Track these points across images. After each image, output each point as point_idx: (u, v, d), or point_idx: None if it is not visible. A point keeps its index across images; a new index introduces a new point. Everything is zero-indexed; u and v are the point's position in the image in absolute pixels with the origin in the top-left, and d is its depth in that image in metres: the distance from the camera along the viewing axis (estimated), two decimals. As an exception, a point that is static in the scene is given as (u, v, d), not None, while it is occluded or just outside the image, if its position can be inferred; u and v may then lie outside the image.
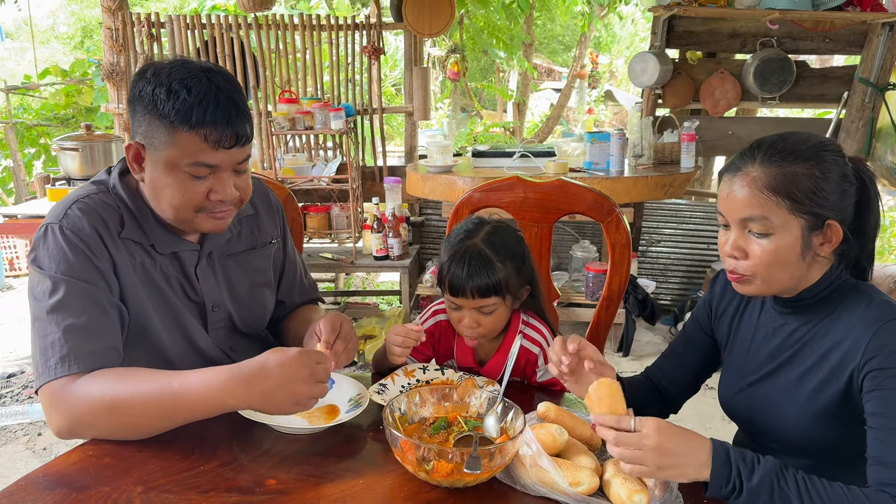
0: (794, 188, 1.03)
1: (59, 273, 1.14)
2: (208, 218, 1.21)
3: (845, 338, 1.07)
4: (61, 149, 2.80)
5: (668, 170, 3.47)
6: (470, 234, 1.40)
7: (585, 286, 3.57)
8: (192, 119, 1.11)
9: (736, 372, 1.25)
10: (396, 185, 3.86)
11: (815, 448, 1.14)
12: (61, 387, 1.09)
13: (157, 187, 1.18)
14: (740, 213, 1.07)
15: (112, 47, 3.94)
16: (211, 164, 1.16)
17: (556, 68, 12.83)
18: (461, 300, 1.36)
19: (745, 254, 1.09)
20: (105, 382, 1.09)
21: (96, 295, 1.15)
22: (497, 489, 1.00)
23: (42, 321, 1.13)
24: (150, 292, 1.24)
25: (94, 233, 1.17)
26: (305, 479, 1.02)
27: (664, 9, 3.72)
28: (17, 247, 5.24)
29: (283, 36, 3.94)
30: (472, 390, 1.17)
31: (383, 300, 4.75)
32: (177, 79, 1.12)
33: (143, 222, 1.24)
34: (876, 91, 3.81)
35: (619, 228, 1.60)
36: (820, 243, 1.07)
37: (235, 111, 1.15)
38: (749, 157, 1.08)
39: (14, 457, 2.68)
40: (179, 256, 1.28)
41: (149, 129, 1.15)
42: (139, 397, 1.08)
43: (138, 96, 1.15)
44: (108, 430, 1.10)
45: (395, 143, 8.08)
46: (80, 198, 1.21)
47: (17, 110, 6.08)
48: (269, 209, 1.45)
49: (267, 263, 1.44)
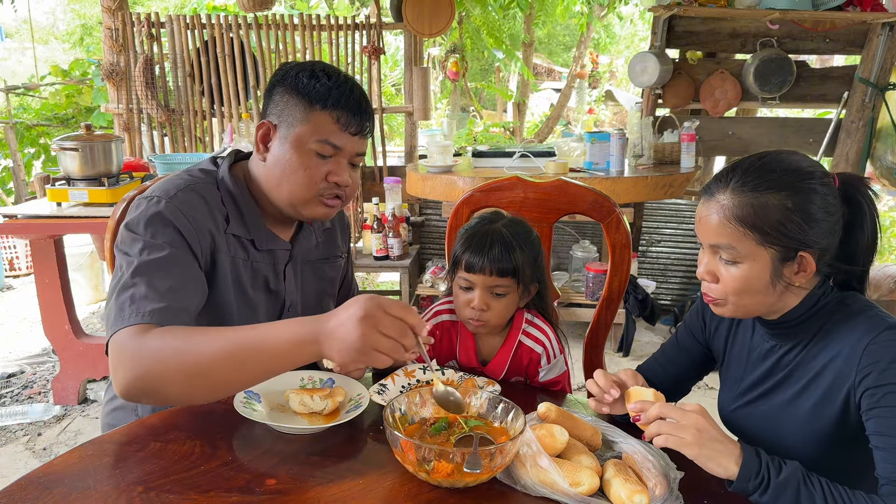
0: (761, 221, 1.01)
1: (152, 238, 1.17)
2: (321, 204, 1.28)
3: (837, 356, 1.06)
4: (61, 149, 2.79)
5: (668, 170, 3.47)
6: (491, 221, 1.43)
7: (585, 286, 3.57)
8: (329, 100, 1.23)
9: (733, 388, 1.24)
10: (396, 185, 3.86)
11: (822, 468, 1.11)
12: (130, 336, 1.05)
13: (280, 164, 1.26)
14: (710, 239, 1.07)
15: (112, 47, 3.94)
16: (337, 146, 1.25)
17: (556, 68, 12.83)
18: (477, 277, 1.36)
19: (716, 278, 1.08)
20: (176, 333, 1.05)
21: (187, 263, 1.18)
22: (497, 489, 1.00)
23: (125, 277, 1.13)
24: (235, 286, 1.29)
25: (199, 216, 1.22)
26: (305, 479, 1.01)
27: (664, 9, 3.72)
28: (16, 247, 5.24)
29: (283, 36, 3.94)
30: (472, 390, 1.17)
31: (383, 300, 4.74)
32: (320, 67, 1.26)
33: (247, 216, 1.30)
34: (876, 91, 3.81)
35: (619, 228, 1.60)
36: (794, 272, 1.05)
37: (365, 104, 1.27)
38: (723, 182, 1.06)
39: (14, 457, 2.68)
40: (274, 254, 1.35)
41: (285, 107, 1.25)
42: (212, 342, 1.01)
43: (280, 80, 1.27)
44: (178, 383, 1.02)
45: (395, 143, 8.07)
46: (190, 184, 1.27)
47: (17, 110, 6.07)
48: (342, 225, 1.56)
49: (336, 275, 1.53)
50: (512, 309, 1.43)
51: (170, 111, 4.01)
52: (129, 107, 4.00)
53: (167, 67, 4.02)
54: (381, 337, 0.95)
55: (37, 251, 2.90)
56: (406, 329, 0.97)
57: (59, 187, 2.84)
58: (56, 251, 2.91)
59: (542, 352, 1.43)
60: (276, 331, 1.01)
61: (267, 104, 1.29)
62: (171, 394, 1.04)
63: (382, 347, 0.96)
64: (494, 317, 1.39)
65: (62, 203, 2.87)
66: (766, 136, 4.08)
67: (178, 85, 3.98)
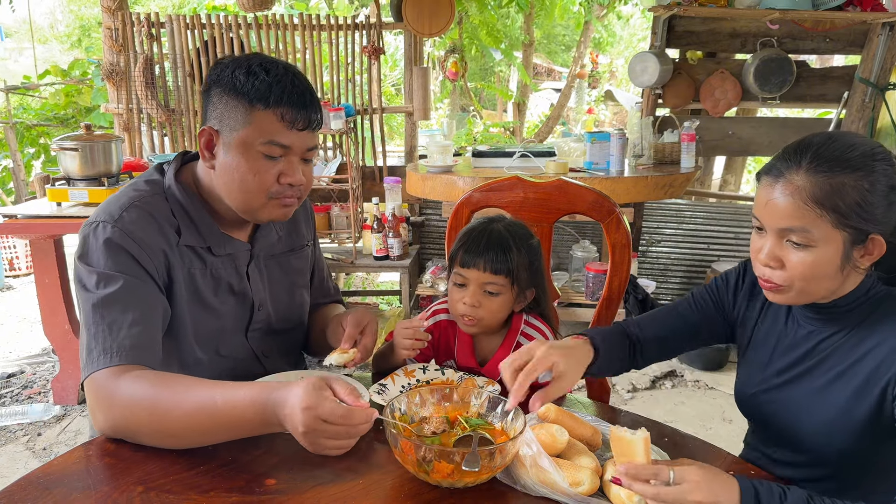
0: (840, 201, 0.97)
1: (107, 269, 1.14)
2: (277, 205, 1.24)
3: (879, 347, 1.03)
4: (61, 149, 2.79)
5: (668, 170, 3.47)
6: (491, 221, 1.43)
7: (585, 286, 3.57)
8: (271, 97, 1.15)
9: (757, 372, 1.21)
10: (396, 185, 3.86)
11: (837, 458, 1.10)
12: (104, 381, 1.08)
13: (229, 170, 1.20)
14: (780, 222, 1.01)
15: (112, 47, 3.94)
16: (285, 145, 1.18)
17: (556, 68, 12.83)
18: (471, 272, 1.37)
19: (782, 263, 1.03)
20: (147, 386, 1.06)
21: (145, 291, 1.16)
22: (497, 489, 1.00)
23: (88, 314, 1.13)
24: (193, 299, 1.26)
25: (148, 236, 1.18)
26: (305, 479, 1.01)
27: (664, 9, 3.72)
28: (16, 247, 5.24)
29: (283, 36, 3.94)
30: (472, 390, 1.17)
31: (383, 300, 4.75)
32: (256, 62, 1.17)
33: (200, 224, 1.26)
34: (876, 91, 3.81)
35: (619, 228, 1.60)
36: (861, 255, 1.01)
37: (309, 96, 1.19)
38: (794, 161, 1.00)
39: (14, 457, 2.67)
40: (234, 257, 1.31)
41: (225, 110, 1.18)
42: (178, 406, 1.04)
43: (216, 80, 1.19)
44: (149, 436, 1.07)
45: (395, 143, 8.07)
46: (134, 200, 1.21)
47: (17, 110, 6.07)
48: (304, 213, 1.51)
49: (304, 265, 1.49)
50: (505, 310, 1.42)
51: (170, 111, 4.01)
52: (129, 107, 4.00)
53: (167, 67, 4.02)
54: (326, 441, 1.00)
55: (37, 251, 2.90)
56: (350, 430, 1.00)
57: (59, 187, 2.84)
58: (56, 251, 2.91)
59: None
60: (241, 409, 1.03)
61: (206, 108, 1.22)
62: (144, 441, 1.08)
63: (330, 448, 1.01)
64: (486, 315, 1.39)
65: (62, 203, 2.88)
66: (766, 136, 4.08)
67: (178, 85, 3.98)
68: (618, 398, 3.24)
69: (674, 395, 3.30)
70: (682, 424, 1.02)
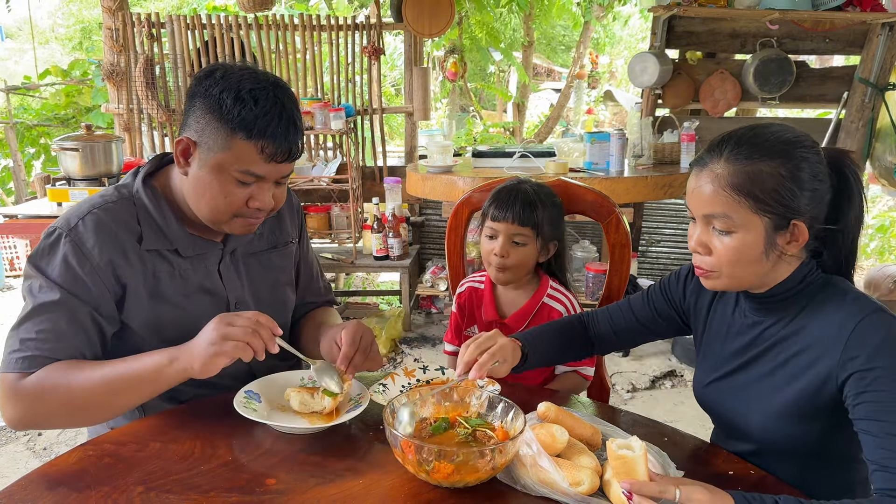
0: (756, 188, 1.01)
1: (53, 279, 1.17)
2: (242, 223, 1.25)
3: (820, 336, 1.05)
4: (61, 149, 2.80)
5: (668, 170, 3.47)
6: (520, 182, 1.58)
7: (585, 286, 3.57)
8: (254, 130, 1.14)
9: (708, 364, 1.24)
10: (396, 185, 3.86)
11: (795, 449, 1.12)
12: (14, 381, 1.13)
13: (200, 186, 1.20)
14: (703, 209, 1.06)
15: (112, 47, 3.94)
16: (259, 175, 1.19)
17: (556, 68, 12.83)
18: (500, 225, 1.53)
19: (709, 250, 1.07)
20: (53, 371, 1.14)
21: (81, 310, 1.18)
22: (497, 489, 1.00)
23: (23, 315, 1.17)
24: (156, 302, 1.25)
25: (99, 247, 1.19)
26: (305, 479, 1.02)
27: (664, 9, 3.72)
28: (16, 247, 5.24)
29: (283, 36, 3.94)
30: (472, 390, 1.17)
31: (383, 300, 4.75)
32: (246, 88, 1.14)
33: (166, 227, 1.26)
34: (876, 91, 3.81)
35: (618, 228, 1.60)
36: (786, 242, 1.05)
37: (293, 128, 1.18)
38: (716, 152, 1.06)
39: (14, 457, 2.67)
40: (203, 257, 1.31)
41: (206, 128, 1.16)
42: (91, 378, 1.13)
43: (203, 94, 1.16)
44: (59, 416, 1.15)
45: (395, 143, 8.07)
46: (95, 207, 1.22)
47: (17, 110, 6.08)
48: (290, 209, 1.48)
49: (288, 263, 1.47)
50: (532, 260, 1.56)
51: (170, 111, 4.01)
52: (130, 107, 4.00)
53: (167, 67, 4.02)
54: (231, 327, 1.08)
55: (37, 251, 2.90)
56: (257, 318, 1.10)
57: (60, 187, 2.85)
58: (56, 251, 2.90)
59: (562, 310, 1.57)
60: (141, 360, 1.14)
61: (187, 115, 1.20)
62: (55, 424, 1.17)
63: (234, 334, 1.08)
64: (514, 262, 1.54)
65: (62, 203, 2.88)
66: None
67: (178, 85, 3.98)
68: (617, 398, 3.24)
69: (674, 395, 3.30)
70: (681, 424, 1.03)
